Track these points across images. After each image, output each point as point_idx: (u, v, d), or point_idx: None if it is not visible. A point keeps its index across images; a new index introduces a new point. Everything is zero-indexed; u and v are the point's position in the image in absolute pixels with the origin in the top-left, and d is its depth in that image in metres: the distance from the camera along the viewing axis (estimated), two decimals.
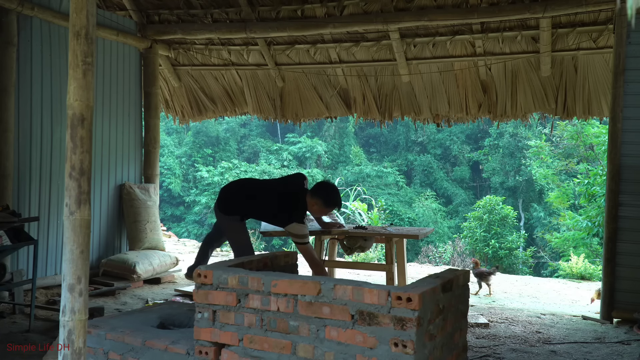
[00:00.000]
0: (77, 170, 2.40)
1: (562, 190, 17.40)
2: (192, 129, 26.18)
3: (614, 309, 5.10)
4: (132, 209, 6.72)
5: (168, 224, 22.78)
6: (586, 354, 4.16)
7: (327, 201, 4.72)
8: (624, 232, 5.12)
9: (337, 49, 7.21)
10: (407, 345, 2.08)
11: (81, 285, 2.39)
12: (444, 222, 23.26)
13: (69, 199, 2.40)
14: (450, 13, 6.24)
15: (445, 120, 7.30)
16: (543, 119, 7.33)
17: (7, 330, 4.28)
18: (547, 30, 6.14)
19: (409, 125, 24.68)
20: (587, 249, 13.69)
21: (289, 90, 7.76)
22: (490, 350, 4.20)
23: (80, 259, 2.39)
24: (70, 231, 2.39)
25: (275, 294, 2.36)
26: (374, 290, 2.17)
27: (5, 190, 5.25)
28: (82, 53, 2.39)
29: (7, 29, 5.28)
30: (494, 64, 6.70)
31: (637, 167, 5.10)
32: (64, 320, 2.38)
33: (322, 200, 4.71)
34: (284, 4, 6.82)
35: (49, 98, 5.81)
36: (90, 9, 2.40)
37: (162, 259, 6.45)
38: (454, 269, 2.76)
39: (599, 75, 6.32)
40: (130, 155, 7.01)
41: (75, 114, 2.40)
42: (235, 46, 7.59)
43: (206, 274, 2.53)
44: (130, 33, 6.91)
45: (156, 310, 3.31)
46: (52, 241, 5.83)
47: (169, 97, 8.39)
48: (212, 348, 2.50)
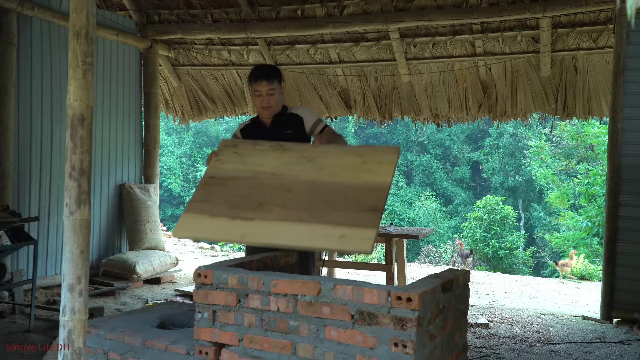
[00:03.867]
0: (77, 170, 2.40)
1: (562, 190, 17.40)
2: (192, 129, 26.18)
3: (614, 309, 5.10)
4: (132, 209, 6.72)
5: (168, 224, 22.75)
6: (586, 354, 4.16)
7: (248, 76, 3.56)
8: (624, 232, 5.12)
9: (337, 49, 7.21)
10: (407, 345, 2.08)
11: (81, 285, 2.39)
12: (444, 222, 23.26)
13: (69, 199, 2.39)
14: (450, 13, 6.24)
15: (445, 120, 7.31)
16: (543, 119, 7.34)
17: (7, 330, 4.29)
18: (547, 30, 6.14)
19: (409, 125, 24.67)
20: (587, 249, 13.69)
21: (289, 90, 7.75)
22: (490, 350, 4.20)
23: (80, 259, 2.39)
24: (70, 231, 2.39)
25: (275, 294, 2.36)
26: (374, 290, 2.17)
27: (5, 190, 5.25)
28: (82, 53, 2.38)
29: (7, 29, 5.28)
30: (494, 64, 6.70)
31: (637, 167, 5.10)
32: (64, 320, 2.38)
33: (248, 81, 3.57)
34: (284, 4, 6.82)
35: (49, 98, 5.81)
36: (90, 9, 2.40)
37: (162, 259, 6.45)
38: (454, 269, 2.76)
39: (599, 75, 6.32)
40: (130, 155, 7.01)
41: (75, 114, 2.40)
42: (235, 46, 7.59)
43: (206, 274, 2.53)
44: (130, 33, 6.92)
45: (156, 310, 3.31)
46: (52, 241, 5.84)
47: (169, 97, 8.39)
48: (212, 348, 2.50)
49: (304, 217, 2.75)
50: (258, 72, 3.47)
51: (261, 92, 3.43)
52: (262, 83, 3.42)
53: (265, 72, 3.46)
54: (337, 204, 2.77)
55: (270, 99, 3.45)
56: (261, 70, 3.50)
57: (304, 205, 2.81)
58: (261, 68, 3.55)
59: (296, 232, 2.71)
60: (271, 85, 3.43)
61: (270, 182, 3.04)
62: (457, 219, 23.38)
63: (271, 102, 3.46)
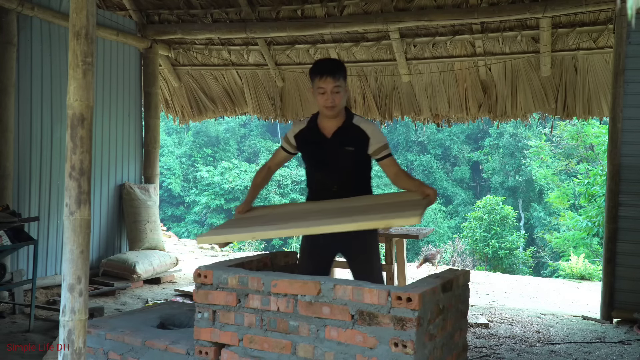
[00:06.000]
0: (77, 170, 2.40)
1: (562, 190, 17.41)
2: (192, 129, 26.18)
3: (614, 309, 5.10)
4: (132, 209, 6.72)
5: (168, 224, 22.78)
6: (586, 354, 4.16)
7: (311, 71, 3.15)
8: (624, 232, 5.12)
9: (337, 49, 7.21)
10: (407, 345, 2.08)
11: (81, 285, 2.39)
12: (444, 222, 23.26)
13: (69, 199, 2.40)
14: (450, 13, 6.24)
15: (445, 120, 7.31)
16: (543, 119, 7.33)
17: (7, 330, 4.28)
18: (547, 30, 6.14)
19: (409, 125, 24.68)
20: (587, 249, 13.69)
21: (289, 90, 7.76)
22: (490, 350, 4.20)
23: (80, 259, 2.39)
24: (70, 231, 2.39)
25: (275, 294, 2.36)
26: (374, 290, 2.17)
27: (5, 190, 5.25)
28: (82, 53, 2.39)
29: (7, 29, 5.28)
30: (494, 64, 6.70)
31: (637, 167, 5.10)
32: (64, 320, 2.38)
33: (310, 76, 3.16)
34: (284, 4, 6.82)
35: (49, 98, 5.81)
36: (90, 9, 2.40)
37: (162, 259, 6.45)
38: (454, 269, 2.75)
39: (599, 75, 6.32)
40: (130, 155, 7.01)
41: (75, 114, 2.40)
42: (235, 46, 7.59)
43: (206, 274, 2.53)
44: (130, 33, 6.92)
45: (156, 310, 3.31)
46: (52, 241, 5.83)
47: (169, 97, 8.39)
48: (212, 348, 2.50)
49: (340, 216, 2.74)
50: (322, 67, 3.07)
51: (325, 90, 3.03)
52: (327, 80, 3.02)
53: (331, 68, 3.06)
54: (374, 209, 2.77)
55: (335, 97, 3.04)
56: (326, 65, 3.11)
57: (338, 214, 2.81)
58: (326, 62, 3.17)
59: (336, 221, 2.66)
60: (337, 82, 3.03)
61: (300, 208, 3.12)
62: (457, 219, 23.38)
63: (336, 101, 3.05)
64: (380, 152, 3.09)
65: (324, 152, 3.10)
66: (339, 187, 3.15)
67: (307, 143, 3.17)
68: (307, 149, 3.18)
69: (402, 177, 3.09)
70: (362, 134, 3.08)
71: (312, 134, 3.16)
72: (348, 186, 3.15)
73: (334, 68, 3.04)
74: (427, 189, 2.92)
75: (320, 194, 3.19)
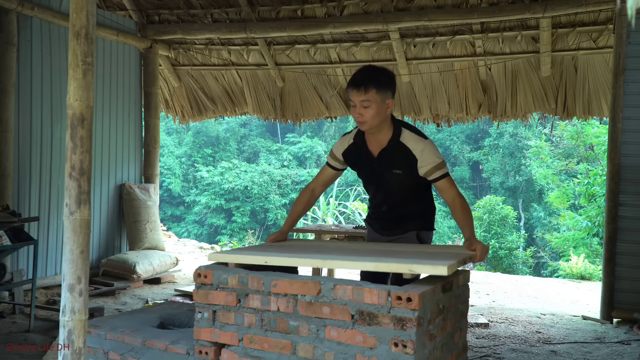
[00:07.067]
0: (77, 170, 2.40)
1: (562, 190, 17.41)
2: (192, 129, 26.19)
3: (614, 309, 5.10)
4: (132, 209, 6.72)
5: (168, 224, 22.78)
6: (586, 354, 4.16)
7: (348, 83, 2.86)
8: (624, 232, 5.12)
9: (337, 49, 7.21)
10: (407, 345, 2.08)
11: (81, 285, 2.39)
12: (444, 222, 23.24)
13: (69, 199, 2.40)
14: (450, 13, 6.24)
15: (445, 120, 7.31)
16: (543, 119, 7.34)
17: (7, 330, 4.28)
18: (547, 30, 6.14)
19: None
20: (587, 249, 13.69)
21: (289, 90, 7.76)
22: (490, 350, 4.20)
23: (80, 259, 2.39)
24: (70, 231, 2.39)
25: (275, 294, 2.36)
26: (374, 290, 2.17)
27: (5, 190, 5.25)
28: (82, 53, 2.38)
29: (7, 29, 5.29)
30: (494, 64, 6.70)
31: (637, 167, 5.10)
32: (64, 320, 2.38)
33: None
34: (284, 4, 6.82)
35: (49, 98, 5.81)
36: (90, 9, 2.40)
37: (162, 259, 6.45)
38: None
39: (599, 75, 6.32)
40: (130, 155, 7.01)
41: (75, 114, 2.40)
42: (235, 46, 7.59)
43: (206, 274, 2.53)
44: (130, 33, 6.92)
45: (156, 310, 3.31)
46: (52, 241, 5.84)
47: (169, 97, 8.39)
48: (212, 348, 2.50)
49: (368, 256, 2.50)
50: (352, 78, 2.78)
51: (355, 103, 2.76)
52: (353, 92, 2.74)
53: (359, 79, 2.74)
54: (409, 255, 2.49)
55: (364, 112, 2.73)
56: (355, 76, 2.78)
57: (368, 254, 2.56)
58: (356, 73, 2.80)
59: (357, 259, 2.44)
60: (365, 95, 2.71)
61: (337, 245, 2.95)
62: None
63: (365, 117, 2.74)
64: (432, 173, 2.78)
65: (372, 173, 2.90)
66: (389, 208, 2.98)
67: (355, 162, 2.96)
68: (355, 168, 2.98)
69: (457, 210, 2.75)
70: (409, 155, 2.77)
71: (359, 152, 2.92)
72: (398, 207, 2.95)
73: (362, 79, 2.73)
74: (474, 244, 2.59)
75: (373, 210, 3.08)
